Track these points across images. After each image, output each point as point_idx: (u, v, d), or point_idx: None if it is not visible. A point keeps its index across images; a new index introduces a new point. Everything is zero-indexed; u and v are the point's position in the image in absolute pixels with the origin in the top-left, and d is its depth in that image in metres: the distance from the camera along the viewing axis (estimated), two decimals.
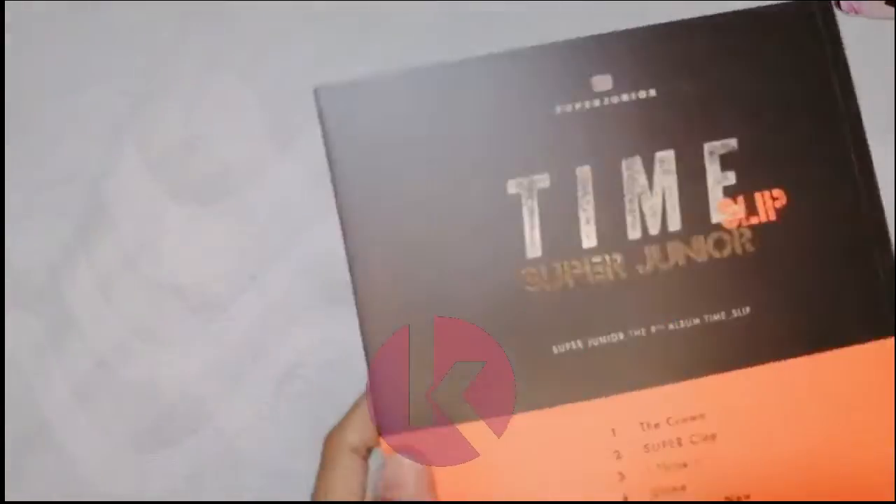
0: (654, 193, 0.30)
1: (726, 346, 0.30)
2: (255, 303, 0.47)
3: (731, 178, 0.30)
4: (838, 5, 0.47)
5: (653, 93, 0.30)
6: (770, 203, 0.30)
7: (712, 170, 0.30)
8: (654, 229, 0.30)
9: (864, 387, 0.30)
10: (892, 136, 0.47)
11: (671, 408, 0.30)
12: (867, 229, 0.30)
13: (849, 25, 0.47)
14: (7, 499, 0.44)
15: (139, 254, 0.45)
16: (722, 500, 0.30)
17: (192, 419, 0.47)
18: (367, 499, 0.30)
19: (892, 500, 0.30)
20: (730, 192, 0.30)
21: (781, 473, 0.30)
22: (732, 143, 0.30)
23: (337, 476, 0.30)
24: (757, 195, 0.30)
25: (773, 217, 0.30)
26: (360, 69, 0.48)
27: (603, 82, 0.30)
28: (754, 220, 0.30)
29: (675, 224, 0.30)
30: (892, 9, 0.48)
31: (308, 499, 0.30)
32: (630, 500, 0.30)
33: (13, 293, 0.46)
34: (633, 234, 0.30)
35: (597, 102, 0.30)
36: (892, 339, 0.30)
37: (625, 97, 0.30)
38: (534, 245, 0.30)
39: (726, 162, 0.30)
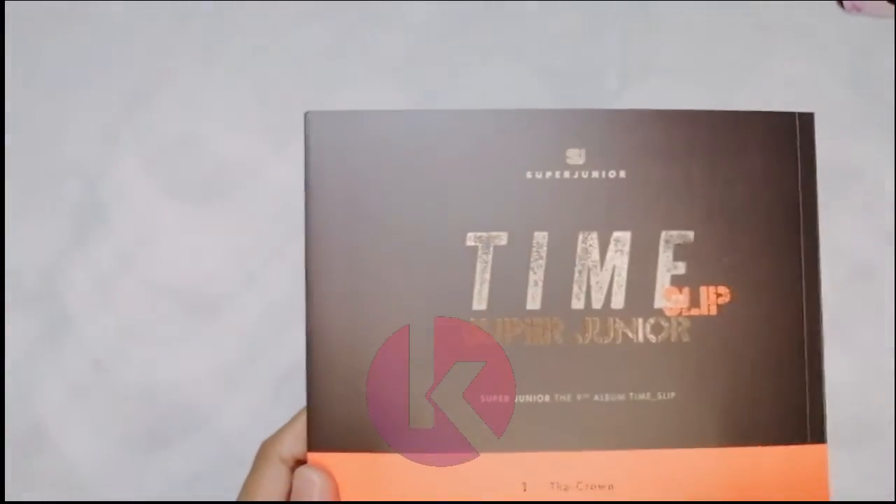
0: (603, 269, 0.31)
1: (646, 425, 0.31)
2: (254, 303, 0.47)
3: (681, 268, 0.31)
4: (840, 4, 0.48)
5: (622, 174, 0.31)
6: (714, 298, 0.31)
7: (664, 257, 0.31)
8: (597, 304, 0.31)
9: (771, 488, 0.31)
10: (892, 136, 0.47)
11: (583, 473, 0.31)
12: (802, 340, 0.32)
13: (849, 25, 0.48)
14: (7, 499, 0.44)
15: (137, 254, 0.45)
16: None
17: (191, 420, 0.47)
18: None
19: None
20: (677, 282, 0.31)
21: None
22: (689, 235, 0.31)
23: (263, 482, 0.31)
24: (702, 288, 0.31)
25: (713, 312, 0.31)
26: (358, 69, 0.48)
27: (577, 156, 0.31)
28: (695, 312, 0.31)
29: (618, 303, 0.31)
30: (893, 8, 0.48)
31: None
32: None
33: (11, 293, 0.46)
34: (577, 304, 0.31)
35: (567, 174, 0.31)
36: (803, 446, 0.31)
37: (595, 174, 0.31)
38: (481, 298, 0.31)
39: (679, 252, 0.31)
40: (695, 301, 0.31)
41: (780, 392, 0.31)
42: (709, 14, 0.44)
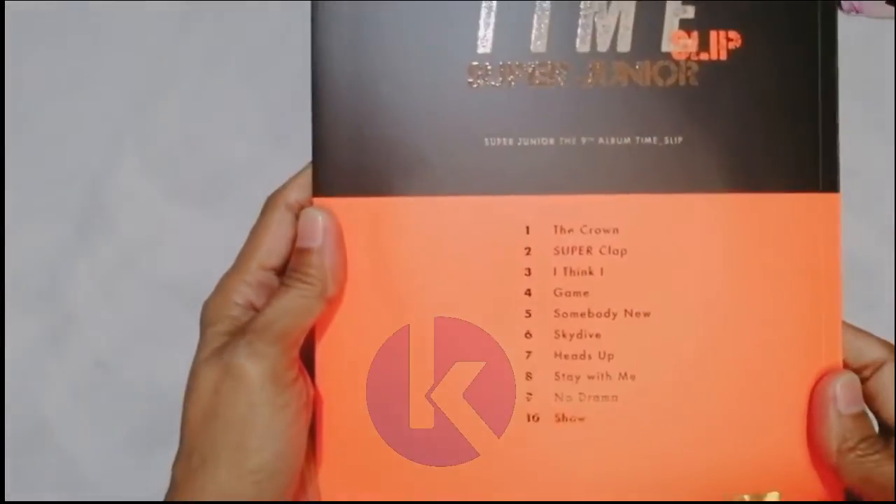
0: (609, 13, 0.31)
1: (652, 169, 0.31)
2: None
3: (689, 11, 0.31)
4: (839, 5, 0.47)
5: None
6: (724, 43, 0.31)
7: (672, 3, 0.31)
8: (602, 47, 0.31)
9: (781, 236, 0.31)
10: (892, 136, 0.46)
11: (587, 217, 0.31)
12: (817, 87, 0.31)
13: (849, 25, 0.46)
14: (7, 499, 0.43)
15: (139, 254, 0.45)
16: (621, 311, 0.31)
17: None
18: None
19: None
20: (685, 25, 0.31)
21: (683, 296, 0.31)
22: None
23: (268, 228, 0.32)
24: (712, 33, 0.31)
25: (723, 57, 0.31)
26: None
27: None
28: (704, 57, 0.31)
29: (624, 46, 0.31)
30: (893, 9, 0.48)
31: None
32: (532, 294, 0.31)
33: (13, 293, 0.45)
34: (582, 47, 0.31)
35: None
36: (814, 194, 0.31)
37: None
38: (485, 42, 0.31)
39: None
40: (704, 45, 0.31)
41: (791, 139, 0.31)
42: None
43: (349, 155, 0.31)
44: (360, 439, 0.32)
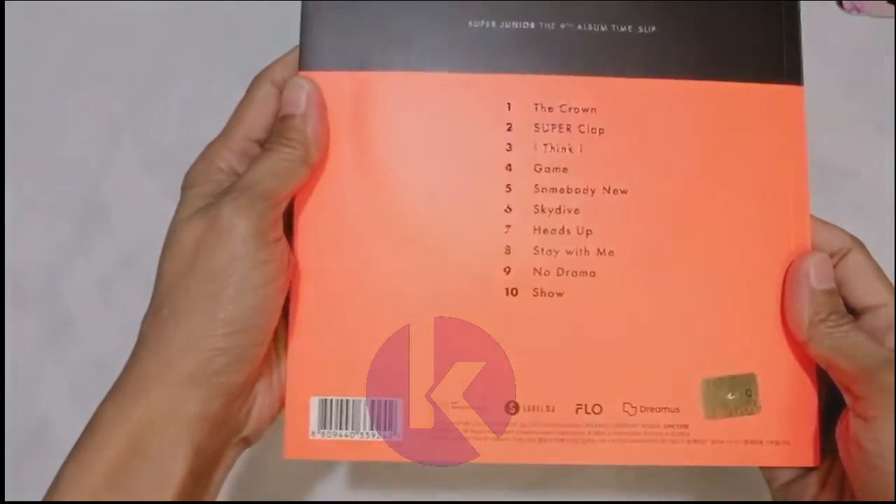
0: None
1: (627, 55, 0.32)
2: None
3: None
4: (840, 4, 0.49)
5: None
6: None
7: None
8: None
9: (750, 122, 0.32)
10: (891, 136, 0.47)
11: (566, 96, 0.32)
12: None
13: (849, 25, 0.49)
14: (7, 499, 0.42)
15: (138, 254, 0.45)
16: (599, 188, 0.31)
17: None
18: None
19: None
20: None
21: (657, 176, 0.32)
22: None
23: (254, 102, 0.32)
24: None
25: None
26: None
27: None
28: None
29: None
30: (893, 8, 0.48)
31: None
32: (513, 169, 0.31)
33: (12, 293, 0.45)
34: None
35: None
36: (779, 85, 0.32)
37: None
38: None
39: None
40: None
41: (757, 33, 0.33)
42: None
43: (335, 30, 0.32)
44: (332, 317, 0.31)
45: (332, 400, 0.31)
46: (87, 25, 0.48)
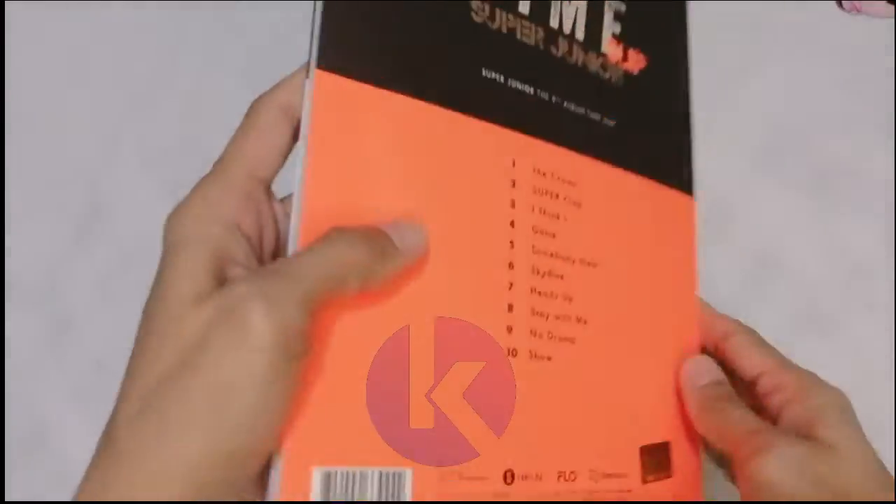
0: (570, 4, 0.35)
1: (597, 140, 0.35)
2: None
3: (618, 28, 0.37)
4: (840, 4, 0.49)
5: None
6: (636, 60, 0.37)
7: (608, 16, 0.37)
8: (566, 29, 0.35)
9: (656, 223, 0.37)
10: (892, 135, 0.47)
11: (556, 165, 0.33)
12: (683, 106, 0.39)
13: (849, 25, 0.49)
14: (7, 499, 0.42)
15: (138, 254, 0.43)
16: (578, 258, 0.33)
17: None
18: None
19: None
20: (616, 37, 0.37)
21: (606, 260, 0.35)
22: (622, 6, 0.37)
23: (259, 134, 0.26)
24: (630, 50, 0.37)
25: (636, 70, 0.37)
26: None
27: None
28: (625, 66, 0.37)
29: (580, 35, 0.36)
30: (893, 8, 0.48)
31: None
32: (515, 226, 0.32)
33: (13, 293, 0.45)
34: (553, 23, 0.35)
35: None
36: (677, 192, 0.37)
37: None
38: None
39: (617, 16, 0.37)
40: (626, 57, 0.37)
41: (673, 142, 0.38)
42: (708, 14, 0.42)
43: (358, 34, 0.29)
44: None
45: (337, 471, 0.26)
46: (87, 25, 0.48)
